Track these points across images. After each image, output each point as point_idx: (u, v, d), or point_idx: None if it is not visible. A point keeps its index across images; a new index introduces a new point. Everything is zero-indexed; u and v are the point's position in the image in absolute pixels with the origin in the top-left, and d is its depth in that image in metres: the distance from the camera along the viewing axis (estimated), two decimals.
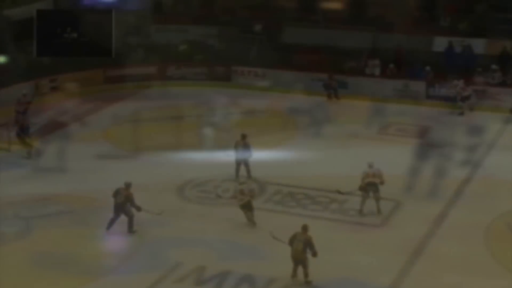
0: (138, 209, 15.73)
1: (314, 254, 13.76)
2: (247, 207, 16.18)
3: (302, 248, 13.72)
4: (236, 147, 18.62)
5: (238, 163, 18.48)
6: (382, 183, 16.64)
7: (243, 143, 18.55)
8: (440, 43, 26.16)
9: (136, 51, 28.33)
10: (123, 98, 25.46)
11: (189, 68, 27.46)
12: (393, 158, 19.50)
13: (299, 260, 13.82)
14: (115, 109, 24.48)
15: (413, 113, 23.44)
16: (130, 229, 15.81)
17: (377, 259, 14.83)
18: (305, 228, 13.96)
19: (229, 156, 18.76)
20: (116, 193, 15.76)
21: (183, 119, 23.51)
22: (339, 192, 17.26)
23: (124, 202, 15.63)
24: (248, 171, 18.55)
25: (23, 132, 20.53)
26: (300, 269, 13.90)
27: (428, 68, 25.20)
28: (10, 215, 16.79)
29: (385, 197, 17.31)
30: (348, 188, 17.10)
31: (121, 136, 22.05)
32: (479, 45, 25.82)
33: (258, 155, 20.13)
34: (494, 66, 24.43)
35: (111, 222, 15.77)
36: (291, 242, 13.87)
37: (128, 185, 15.77)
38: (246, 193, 16.26)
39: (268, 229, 15.70)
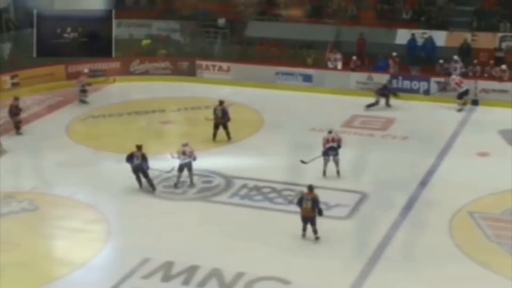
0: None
1: (320, 212, 15.16)
2: (187, 167, 17.76)
3: (311, 206, 15.04)
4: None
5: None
6: (339, 146, 18.31)
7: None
8: (402, 36, 26.36)
9: None
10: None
11: (153, 63, 27.29)
12: (357, 150, 19.64)
13: (308, 218, 15.15)
14: (77, 105, 24.24)
15: (377, 106, 23.59)
16: (152, 186, 17.64)
17: (344, 251, 14.90)
18: (311, 188, 15.25)
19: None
20: (131, 157, 17.51)
21: (147, 114, 23.36)
22: (303, 162, 17.76)
23: (140, 163, 17.38)
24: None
25: None
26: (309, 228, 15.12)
27: (394, 54, 25.30)
28: None
29: (351, 189, 17.49)
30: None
31: (83, 132, 21.85)
32: (440, 37, 26.09)
33: (223, 150, 20.26)
34: (455, 57, 24.71)
35: (140, 182, 17.66)
36: (300, 203, 15.22)
37: (140, 147, 17.56)
38: (187, 154, 17.76)
39: (233, 223, 15.84)
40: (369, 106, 23.42)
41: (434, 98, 24.08)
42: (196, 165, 18.80)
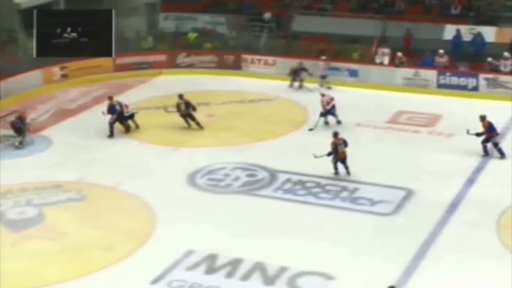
0: (194, 108, 21.03)
1: (346, 144, 17.81)
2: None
3: (344, 149, 17.59)
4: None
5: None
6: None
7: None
8: (450, 32, 26.01)
9: (146, 39, 28.32)
10: (132, 86, 25.46)
11: (198, 56, 27.40)
12: (402, 147, 19.48)
13: (344, 158, 17.67)
14: (125, 97, 24.43)
15: (424, 102, 23.33)
16: (199, 125, 20.83)
17: (389, 248, 14.79)
18: (336, 134, 18.00)
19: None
20: (179, 106, 20.66)
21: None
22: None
23: (187, 109, 20.38)
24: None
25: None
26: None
27: (441, 51, 25.00)
28: (23, 203, 16.87)
29: (396, 186, 17.36)
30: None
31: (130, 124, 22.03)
32: (489, 33, 25.67)
33: (268, 144, 20.26)
34: (506, 54, 24.27)
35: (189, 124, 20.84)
36: (335, 149, 17.66)
37: (181, 95, 20.71)
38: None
39: (276, 218, 15.89)
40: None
41: (482, 95, 23.72)
42: (240, 158, 18.93)
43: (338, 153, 17.69)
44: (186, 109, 21.00)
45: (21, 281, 13.59)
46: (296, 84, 24.99)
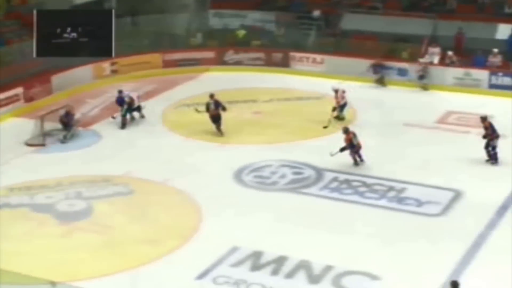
0: (224, 108, 20.63)
1: (356, 135, 18.45)
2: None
3: (359, 140, 18.33)
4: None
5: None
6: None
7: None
8: (504, 31, 25.53)
9: (194, 36, 28.50)
10: (180, 82, 25.65)
11: (247, 53, 27.46)
12: (451, 147, 19.25)
13: (360, 149, 18.34)
14: (172, 93, 24.67)
15: (474, 103, 22.99)
16: (220, 130, 20.48)
17: (436, 250, 14.62)
18: (346, 130, 18.44)
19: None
20: (209, 105, 20.31)
21: (238, 104, 23.55)
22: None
23: (216, 109, 20.24)
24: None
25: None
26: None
27: (496, 50, 24.58)
28: (72, 195, 17.16)
29: (444, 187, 17.15)
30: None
31: (176, 120, 22.23)
32: None
33: (315, 142, 20.19)
34: None
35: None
36: (353, 142, 18.27)
37: (212, 94, 20.40)
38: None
39: (321, 216, 15.84)
40: None
41: None
42: (286, 156, 18.95)
43: (355, 146, 18.21)
44: (215, 109, 20.60)
45: (69, 272, 13.79)
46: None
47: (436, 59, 25.54)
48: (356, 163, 18.51)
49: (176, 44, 27.95)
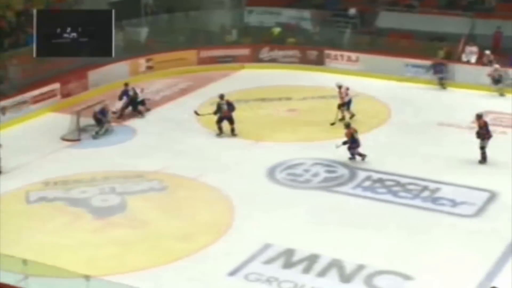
0: (234, 109, 20.42)
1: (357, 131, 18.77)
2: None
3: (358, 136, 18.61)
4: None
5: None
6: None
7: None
8: None
9: (230, 33, 28.58)
10: (215, 79, 25.74)
11: (281, 50, 27.46)
12: (488, 148, 19.00)
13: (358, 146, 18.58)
14: (207, 90, 24.76)
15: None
16: (233, 131, 20.38)
17: (470, 251, 14.49)
18: (348, 125, 18.79)
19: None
20: (221, 106, 20.24)
21: (273, 101, 23.58)
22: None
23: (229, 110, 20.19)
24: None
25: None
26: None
27: None
28: (107, 190, 17.35)
29: (480, 187, 16.98)
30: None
31: (211, 117, 22.27)
32: None
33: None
34: None
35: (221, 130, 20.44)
36: (354, 137, 18.40)
37: (222, 95, 20.26)
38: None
39: (354, 215, 15.82)
40: None
41: None
42: (320, 154, 18.93)
43: (356, 141, 18.43)
44: (228, 110, 20.45)
45: (105, 266, 13.93)
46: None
47: (473, 59, 25.27)
48: (353, 158, 18.63)
49: (212, 41, 28.09)
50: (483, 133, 18.43)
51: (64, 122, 20.91)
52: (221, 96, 20.75)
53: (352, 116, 21.32)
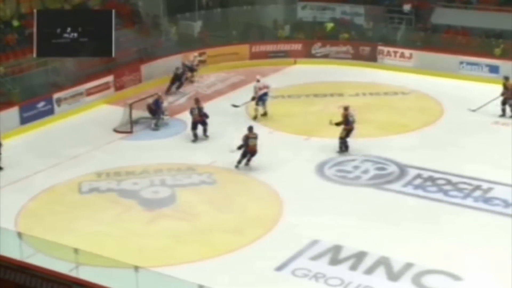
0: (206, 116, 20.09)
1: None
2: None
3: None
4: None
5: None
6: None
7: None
8: None
9: (283, 28, 28.56)
10: (266, 74, 25.71)
11: (334, 46, 27.33)
12: None
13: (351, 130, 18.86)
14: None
15: None
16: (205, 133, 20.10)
17: None
18: (346, 108, 18.83)
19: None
20: (192, 111, 19.94)
21: (325, 97, 23.51)
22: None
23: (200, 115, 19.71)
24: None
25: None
26: None
27: None
28: (157, 183, 17.56)
29: None
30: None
31: (262, 112, 22.33)
32: None
33: (399, 137, 19.94)
34: None
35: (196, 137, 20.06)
36: (348, 119, 18.64)
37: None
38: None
39: (403, 213, 15.68)
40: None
41: None
42: (371, 151, 18.83)
43: (350, 123, 18.77)
44: (199, 115, 20.22)
45: (154, 258, 14.15)
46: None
47: None
48: (341, 150, 18.91)
49: (264, 35, 28.11)
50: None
51: (117, 114, 21.25)
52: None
53: (265, 113, 21.48)
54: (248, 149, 17.99)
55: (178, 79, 23.90)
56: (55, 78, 22.79)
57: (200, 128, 20.20)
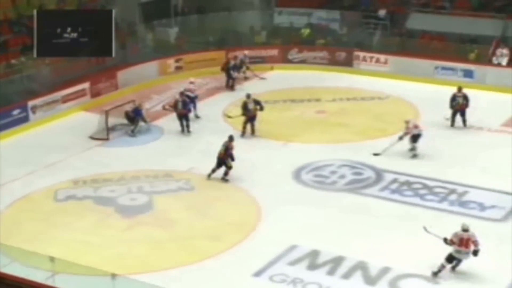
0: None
1: None
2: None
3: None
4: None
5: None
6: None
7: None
8: None
9: (259, 34, 28.62)
10: (245, 80, 25.78)
11: (311, 52, 27.43)
12: None
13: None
14: (236, 90, 24.80)
15: None
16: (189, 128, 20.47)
17: (498, 255, 14.35)
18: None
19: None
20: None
21: (302, 103, 23.57)
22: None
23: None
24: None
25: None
26: None
27: None
28: (135, 190, 17.50)
29: (508, 192, 16.81)
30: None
31: (240, 118, 22.32)
32: None
33: (375, 142, 20.04)
34: None
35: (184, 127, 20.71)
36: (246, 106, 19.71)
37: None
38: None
39: (380, 218, 15.79)
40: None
41: None
42: (348, 156, 18.90)
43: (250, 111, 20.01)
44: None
45: (132, 265, 14.07)
46: None
47: (504, 61, 25.01)
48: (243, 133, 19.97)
49: (241, 41, 28.15)
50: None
51: (94, 121, 21.13)
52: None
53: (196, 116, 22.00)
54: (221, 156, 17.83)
55: (230, 76, 24.52)
56: (30, 85, 22.63)
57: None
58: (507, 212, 16.12)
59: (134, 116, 20.98)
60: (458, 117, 21.02)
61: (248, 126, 20.68)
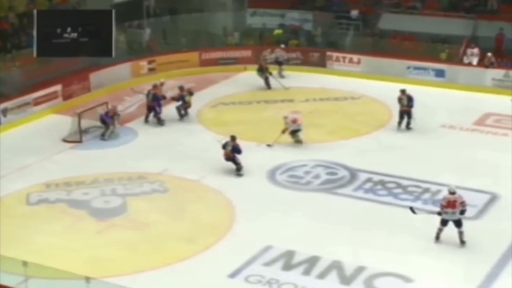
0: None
1: None
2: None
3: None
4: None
5: None
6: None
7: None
8: None
9: (232, 35, 28.61)
10: (217, 81, 25.77)
11: (284, 52, 27.45)
12: (490, 150, 19.01)
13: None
14: (210, 91, 24.78)
15: None
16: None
17: (470, 253, 14.48)
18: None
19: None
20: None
21: (275, 103, 23.60)
22: (412, 211, 15.90)
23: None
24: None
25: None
26: None
27: None
28: (108, 192, 17.38)
29: (480, 190, 16.97)
30: None
31: (213, 119, 22.33)
32: None
33: (349, 142, 20.14)
34: None
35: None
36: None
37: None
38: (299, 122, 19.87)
39: (355, 217, 15.84)
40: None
41: None
42: (321, 156, 18.97)
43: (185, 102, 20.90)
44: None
45: (106, 268, 13.97)
46: None
47: (475, 61, 25.26)
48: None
49: (214, 43, 28.12)
50: None
51: (66, 124, 20.94)
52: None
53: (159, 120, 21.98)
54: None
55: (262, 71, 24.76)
56: (1, 88, 22.38)
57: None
58: (479, 210, 16.26)
59: (106, 120, 20.82)
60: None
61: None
